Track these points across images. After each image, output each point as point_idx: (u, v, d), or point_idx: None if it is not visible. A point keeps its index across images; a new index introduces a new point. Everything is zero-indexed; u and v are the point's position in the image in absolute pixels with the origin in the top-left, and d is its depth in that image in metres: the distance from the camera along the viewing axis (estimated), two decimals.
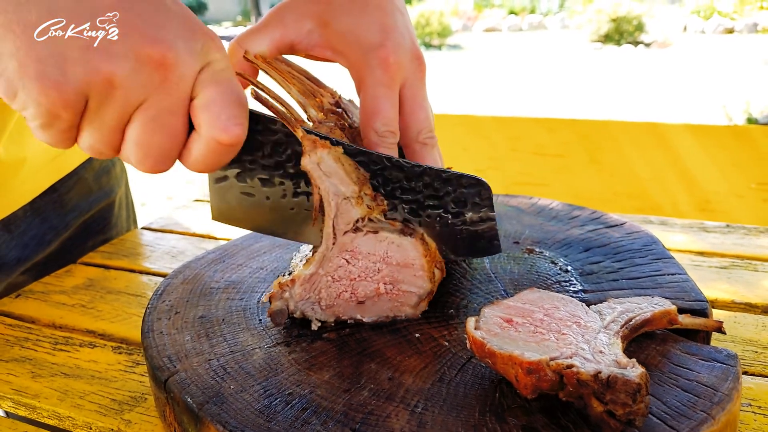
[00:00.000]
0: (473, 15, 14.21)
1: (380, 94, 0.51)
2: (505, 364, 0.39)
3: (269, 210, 0.49)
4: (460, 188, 0.49)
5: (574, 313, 0.44)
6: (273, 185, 0.48)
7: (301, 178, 0.48)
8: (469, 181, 0.49)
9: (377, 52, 0.51)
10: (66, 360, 0.61)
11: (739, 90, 5.91)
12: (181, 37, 0.37)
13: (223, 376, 0.45)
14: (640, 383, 0.35)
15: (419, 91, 0.54)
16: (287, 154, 0.47)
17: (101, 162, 0.88)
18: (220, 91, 0.39)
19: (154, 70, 0.37)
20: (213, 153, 0.40)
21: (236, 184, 0.47)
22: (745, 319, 0.62)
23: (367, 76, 0.51)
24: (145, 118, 0.38)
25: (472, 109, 5.87)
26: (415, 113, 0.53)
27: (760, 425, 0.47)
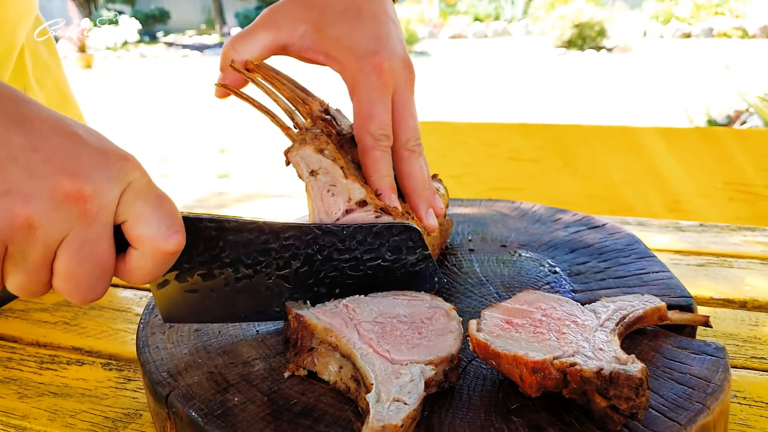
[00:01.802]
0: (439, 22, 14.37)
1: (375, 98, 0.52)
2: (510, 365, 0.40)
3: (217, 301, 0.49)
4: (392, 237, 0.51)
5: (570, 313, 0.45)
6: (214, 278, 0.48)
7: (239, 264, 0.49)
8: (399, 228, 0.52)
9: (372, 59, 0.52)
10: (53, 379, 0.60)
11: (698, 92, 6.11)
12: (96, 166, 0.38)
13: (227, 387, 0.45)
14: (642, 378, 0.37)
15: (409, 98, 0.55)
16: (219, 246, 0.47)
17: None
18: (151, 205, 0.40)
19: (72, 205, 0.37)
20: (157, 263, 0.41)
21: (178, 285, 0.48)
22: (724, 314, 0.64)
23: (362, 81, 0.52)
24: (70, 252, 0.38)
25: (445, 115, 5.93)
26: (405, 120, 0.55)
27: (747, 416, 0.49)
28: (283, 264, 0.50)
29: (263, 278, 0.50)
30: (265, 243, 0.49)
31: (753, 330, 0.61)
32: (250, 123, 6.01)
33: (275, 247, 0.49)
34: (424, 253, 0.52)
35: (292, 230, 0.49)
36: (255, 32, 0.55)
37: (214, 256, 0.48)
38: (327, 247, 0.50)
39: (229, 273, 0.49)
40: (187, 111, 7.00)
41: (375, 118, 0.52)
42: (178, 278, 0.47)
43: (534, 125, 1.56)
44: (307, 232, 0.50)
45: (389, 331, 0.45)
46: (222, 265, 0.48)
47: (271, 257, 0.49)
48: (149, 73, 10.80)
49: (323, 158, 0.51)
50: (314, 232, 0.50)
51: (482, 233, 0.71)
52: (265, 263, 0.49)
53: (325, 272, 0.51)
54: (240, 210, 1.05)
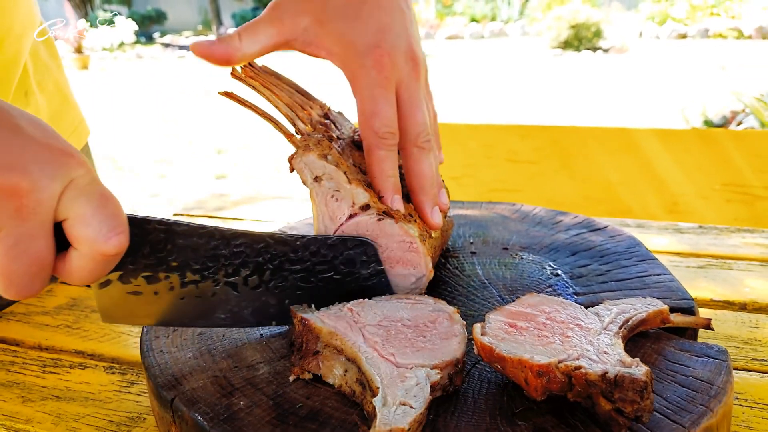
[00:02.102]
0: (435, 23, 14.39)
1: (377, 94, 0.51)
2: (515, 368, 0.40)
3: (159, 304, 0.49)
4: (347, 250, 0.51)
5: (574, 316, 0.46)
6: (159, 281, 0.48)
7: (186, 269, 0.48)
8: (354, 242, 0.51)
9: (372, 53, 0.51)
10: (56, 382, 0.60)
11: (694, 93, 6.13)
12: (36, 161, 0.37)
13: (232, 391, 0.45)
14: (646, 381, 0.37)
15: (415, 92, 0.53)
16: (167, 249, 0.47)
17: None
18: (93, 204, 0.39)
19: (7, 200, 0.36)
20: (98, 265, 0.40)
21: (121, 286, 0.47)
22: (724, 316, 0.65)
23: (362, 77, 0.51)
24: (4, 247, 0.37)
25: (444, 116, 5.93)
26: (412, 115, 0.53)
27: (749, 417, 0.49)
28: (232, 271, 0.49)
29: (210, 285, 0.49)
30: (214, 249, 0.48)
31: (753, 332, 0.61)
32: (247, 124, 6.01)
33: (225, 253, 0.48)
34: (378, 268, 0.52)
35: (243, 238, 0.49)
36: (259, 26, 0.54)
37: (160, 259, 0.47)
38: (278, 256, 0.50)
39: (175, 277, 0.48)
40: (183, 112, 6.99)
41: (378, 116, 0.51)
42: (121, 279, 0.47)
43: (532, 127, 1.56)
44: (259, 240, 0.49)
45: (394, 335, 0.45)
46: (168, 268, 0.47)
47: (220, 264, 0.49)
48: (146, 74, 10.78)
49: (327, 164, 0.51)
50: (266, 240, 0.49)
51: (483, 236, 0.71)
52: (213, 269, 0.48)
53: (275, 282, 0.50)
54: (239, 212, 1.05)
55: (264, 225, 0.98)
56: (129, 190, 4.28)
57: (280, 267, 0.50)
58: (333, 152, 0.52)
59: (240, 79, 0.53)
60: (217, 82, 9.00)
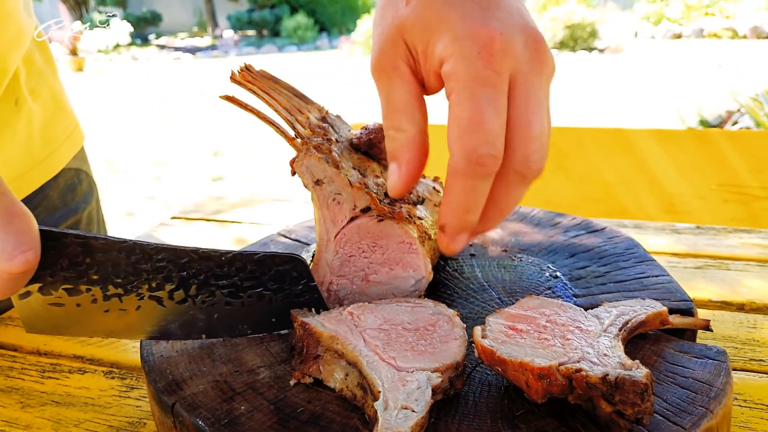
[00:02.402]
0: None
1: (480, 96, 0.36)
2: (516, 371, 0.40)
3: (83, 316, 0.49)
4: (275, 267, 0.50)
5: (574, 318, 0.46)
6: (80, 293, 0.48)
7: (108, 282, 0.48)
8: (283, 259, 0.50)
9: (476, 35, 0.36)
10: (56, 388, 0.59)
11: (689, 93, 6.15)
12: None
13: (233, 396, 0.45)
14: (647, 383, 0.37)
15: (535, 90, 0.38)
16: (86, 262, 0.47)
17: (66, 179, 0.86)
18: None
19: None
20: (5, 283, 0.39)
21: (41, 297, 0.47)
22: (722, 317, 0.65)
23: (461, 69, 0.36)
24: None
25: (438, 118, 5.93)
26: (526, 125, 0.37)
27: (748, 418, 0.49)
28: (156, 286, 0.49)
29: (134, 298, 0.49)
30: (135, 263, 0.48)
31: (751, 332, 0.62)
32: (243, 126, 6.00)
33: (147, 268, 0.48)
34: (310, 284, 0.51)
35: (165, 252, 0.48)
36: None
37: (80, 272, 0.47)
38: (203, 272, 0.49)
39: (97, 290, 0.48)
40: (179, 114, 6.98)
41: (479, 129, 0.36)
42: (41, 291, 0.46)
43: None
44: (182, 255, 0.49)
45: (394, 339, 0.45)
46: (89, 281, 0.47)
47: (143, 278, 0.48)
48: (141, 76, 10.76)
49: (328, 167, 0.51)
50: (189, 255, 0.49)
51: (482, 238, 0.71)
52: (135, 283, 0.48)
53: (202, 297, 0.50)
54: (237, 215, 1.05)
55: (262, 228, 0.98)
56: (125, 193, 4.27)
57: (206, 282, 0.50)
58: (333, 155, 0.52)
59: (239, 83, 0.53)
60: (213, 84, 8.99)
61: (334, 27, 16.66)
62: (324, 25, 16.61)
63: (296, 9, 16.51)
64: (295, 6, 16.67)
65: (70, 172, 0.87)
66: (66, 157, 0.85)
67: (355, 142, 0.59)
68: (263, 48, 14.20)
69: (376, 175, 0.57)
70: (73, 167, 0.87)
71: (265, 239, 0.75)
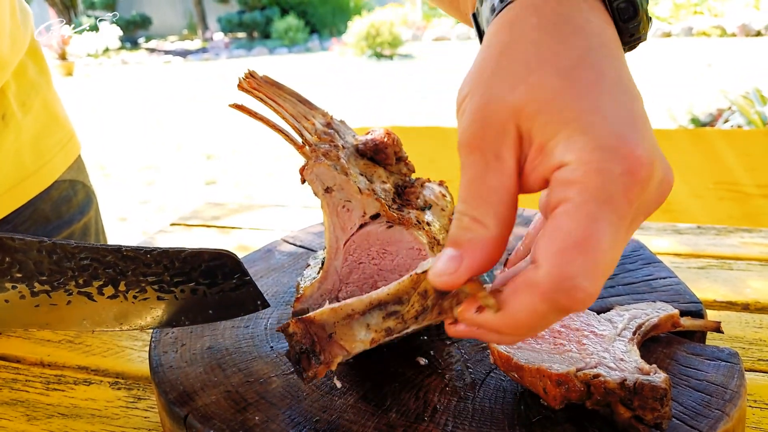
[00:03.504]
0: (422, 24, 14.42)
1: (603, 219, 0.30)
2: (533, 377, 0.40)
3: (14, 310, 0.50)
4: (204, 262, 0.51)
5: (588, 323, 0.46)
6: (6, 290, 0.49)
7: (34, 280, 0.49)
8: (210, 255, 0.50)
9: (625, 153, 0.30)
10: (61, 399, 0.59)
11: (680, 91, 6.19)
12: None
13: (246, 407, 0.45)
14: (666, 388, 0.37)
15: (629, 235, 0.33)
16: (6, 262, 0.47)
17: (60, 191, 0.85)
18: None
19: None
20: None
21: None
22: (728, 317, 0.65)
23: (592, 182, 0.30)
24: None
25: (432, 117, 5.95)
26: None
27: (759, 419, 0.49)
28: (83, 282, 0.49)
29: (63, 294, 0.49)
30: (58, 262, 0.48)
31: (758, 332, 0.62)
32: (237, 129, 5.98)
33: (71, 266, 0.49)
34: (244, 278, 0.52)
35: (88, 252, 0.49)
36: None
37: (2, 271, 0.48)
38: (130, 269, 0.50)
39: (23, 287, 0.49)
40: (171, 117, 6.95)
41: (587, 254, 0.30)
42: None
43: None
44: (105, 254, 0.49)
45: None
46: (13, 279, 0.48)
47: (69, 276, 0.49)
48: (131, 79, 10.70)
49: (337, 174, 0.51)
50: (113, 254, 0.49)
51: None
52: (62, 280, 0.49)
53: (133, 292, 0.50)
54: (237, 221, 1.04)
55: (263, 233, 0.98)
56: (118, 198, 4.24)
57: (135, 280, 0.50)
58: (341, 162, 0.52)
59: (246, 91, 0.53)
60: (204, 87, 8.96)
61: (325, 28, 16.65)
62: (315, 27, 16.60)
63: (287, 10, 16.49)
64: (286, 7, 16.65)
65: (65, 183, 0.85)
66: (59, 169, 0.84)
67: (360, 147, 0.59)
68: (254, 50, 14.16)
69: (383, 180, 0.57)
70: (68, 179, 0.86)
71: (269, 245, 0.74)
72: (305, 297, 0.54)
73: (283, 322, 0.56)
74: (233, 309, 0.53)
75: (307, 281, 0.55)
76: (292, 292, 0.62)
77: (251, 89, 0.54)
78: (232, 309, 0.53)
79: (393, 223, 0.52)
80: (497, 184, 0.33)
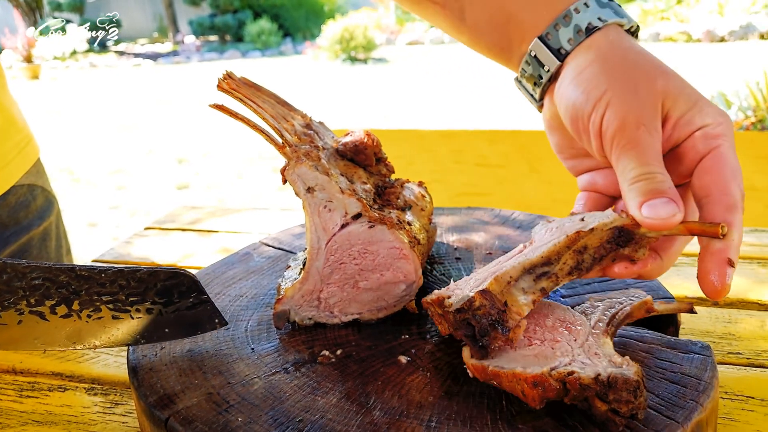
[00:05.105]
0: (396, 29, 14.48)
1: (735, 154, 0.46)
2: (511, 382, 0.41)
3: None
4: (160, 282, 0.51)
5: (562, 319, 0.47)
6: None
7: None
8: (167, 274, 0.50)
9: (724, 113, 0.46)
10: (35, 407, 0.58)
11: None
12: None
13: (227, 408, 0.44)
14: (638, 380, 0.38)
15: None
16: None
17: (17, 196, 0.83)
18: None
19: None
20: None
21: None
22: (699, 313, 0.67)
23: (729, 133, 0.46)
24: None
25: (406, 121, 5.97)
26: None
27: (730, 410, 0.51)
28: (35, 302, 0.49)
29: (14, 314, 0.49)
30: (8, 282, 0.48)
31: (727, 326, 0.64)
32: (208, 133, 5.92)
33: (22, 285, 0.48)
34: (201, 297, 0.52)
35: (40, 271, 0.48)
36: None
37: None
38: (84, 288, 0.49)
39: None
40: (141, 122, 6.84)
41: (740, 176, 0.46)
42: None
43: (500, 132, 1.59)
44: (59, 274, 0.48)
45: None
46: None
47: (19, 295, 0.48)
48: (100, 83, 10.51)
49: (319, 175, 0.51)
50: (66, 274, 0.48)
51: (466, 241, 0.72)
52: (12, 300, 0.48)
53: (87, 312, 0.50)
54: (214, 224, 1.03)
55: (241, 236, 0.97)
56: (87, 203, 4.16)
57: (89, 299, 0.50)
58: (322, 163, 0.52)
59: (226, 91, 0.52)
60: (175, 91, 8.84)
61: (299, 32, 16.58)
62: (288, 31, 16.53)
63: (259, 14, 16.38)
64: (259, 11, 16.54)
65: (23, 188, 0.83)
66: (16, 174, 0.82)
67: (340, 149, 0.59)
68: (226, 53, 14.03)
69: (363, 181, 0.57)
70: (26, 183, 0.84)
71: (247, 248, 0.74)
72: (286, 298, 0.54)
73: (263, 325, 0.56)
74: (189, 328, 0.52)
75: (288, 282, 0.55)
76: (273, 294, 0.62)
77: (230, 90, 0.53)
78: (188, 328, 0.52)
79: (374, 223, 0.52)
80: (660, 149, 0.45)
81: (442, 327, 0.47)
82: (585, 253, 0.46)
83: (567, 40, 0.50)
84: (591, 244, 0.46)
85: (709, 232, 0.43)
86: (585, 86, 0.48)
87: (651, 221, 0.43)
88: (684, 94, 0.47)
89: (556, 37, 0.51)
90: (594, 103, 0.47)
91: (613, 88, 0.46)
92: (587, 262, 0.46)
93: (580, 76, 0.49)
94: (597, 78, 0.47)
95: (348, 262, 0.53)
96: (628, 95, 0.46)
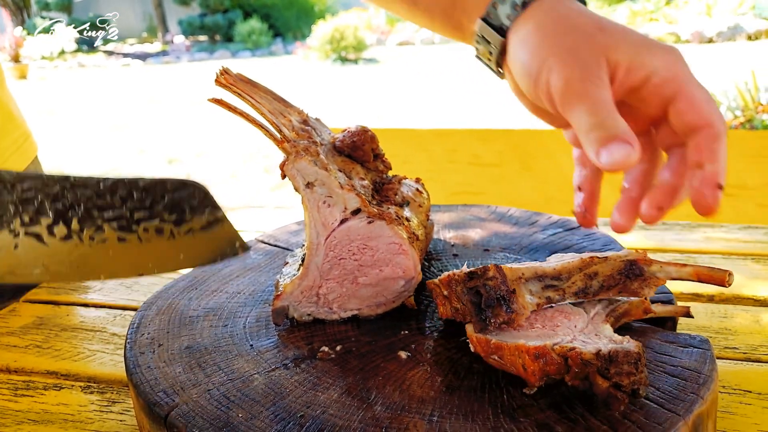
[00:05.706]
0: (386, 29, 14.48)
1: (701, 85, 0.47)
2: (513, 355, 0.41)
3: None
4: (167, 193, 0.44)
5: (561, 310, 0.47)
6: None
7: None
8: (174, 184, 0.44)
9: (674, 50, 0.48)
10: (31, 405, 0.57)
11: None
12: None
13: (228, 405, 0.44)
14: (639, 352, 0.39)
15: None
16: None
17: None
18: None
19: None
20: None
21: None
22: (694, 309, 0.67)
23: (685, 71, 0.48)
24: None
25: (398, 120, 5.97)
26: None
27: (728, 403, 0.51)
28: (30, 220, 0.43)
29: (9, 236, 0.43)
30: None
31: (723, 321, 0.64)
32: (199, 133, 5.89)
33: (12, 199, 0.42)
34: (216, 214, 0.45)
35: (29, 181, 0.42)
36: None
37: None
38: (81, 202, 0.43)
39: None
40: (132, 121, 6.80)
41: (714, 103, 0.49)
42: None
43: (494, 131, 1.59)
44: (51, 184, 0.43)
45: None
46: None
47: (10, 212, 0.43)
48: (89, 83, 10.43)
49: (318, 170, 0.51)
50: (61, 184, 0.43)
51: (463, 238, 0.72)
52: (4, 218, 0.42)
53: (88, 232, 0.44)
54: None
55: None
56: None
57: (88, 214, 0.43)
58: (320, 158, 0.52)
59: (223, 86, 0.52)
60: (165, 91, 8.80)
61: (289, 32, 16.54)
62: (278, 30, 16.48)
63: (250, 14, 16.32)
64: (249, 11, 16.48)
65: None
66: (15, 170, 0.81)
67: (338, 144, 0.59)
68: (216, 53, 13.96)
69: (361, 177, 0.57)
70: None
71: None
72: (285, 294, 0.54)
73: (262, 321, 0.56)
74: (207, 254, 0.46)
75: (287, 278, 0.55)
76: (270, 291, 0.62)
77: (228, 84, 0.53)
78: (205, 253, 0.46)
79: (374, 219, 0.52)
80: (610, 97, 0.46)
81: (444, 308, 0.48)
82: (595, 279, 0.48)
83: (506, 16, 0.52)
84: (602, 272, 0.48)
85: (717, 279, 0.47)
86: (527, 58, 0.49)
87: (610, 165, 0.44)
88: (626, 41, 0.48)
89: (496, 15, 0.52)
90: (537, 73, 0.48)
91: (553, 54, 0.48)
92: (595, 288, 0.48)
93: (523, 48, 0.50)
94: (538, 48, 0.49)
95: (347, 258, 0.53)
96: (568, 57, 0.47)
